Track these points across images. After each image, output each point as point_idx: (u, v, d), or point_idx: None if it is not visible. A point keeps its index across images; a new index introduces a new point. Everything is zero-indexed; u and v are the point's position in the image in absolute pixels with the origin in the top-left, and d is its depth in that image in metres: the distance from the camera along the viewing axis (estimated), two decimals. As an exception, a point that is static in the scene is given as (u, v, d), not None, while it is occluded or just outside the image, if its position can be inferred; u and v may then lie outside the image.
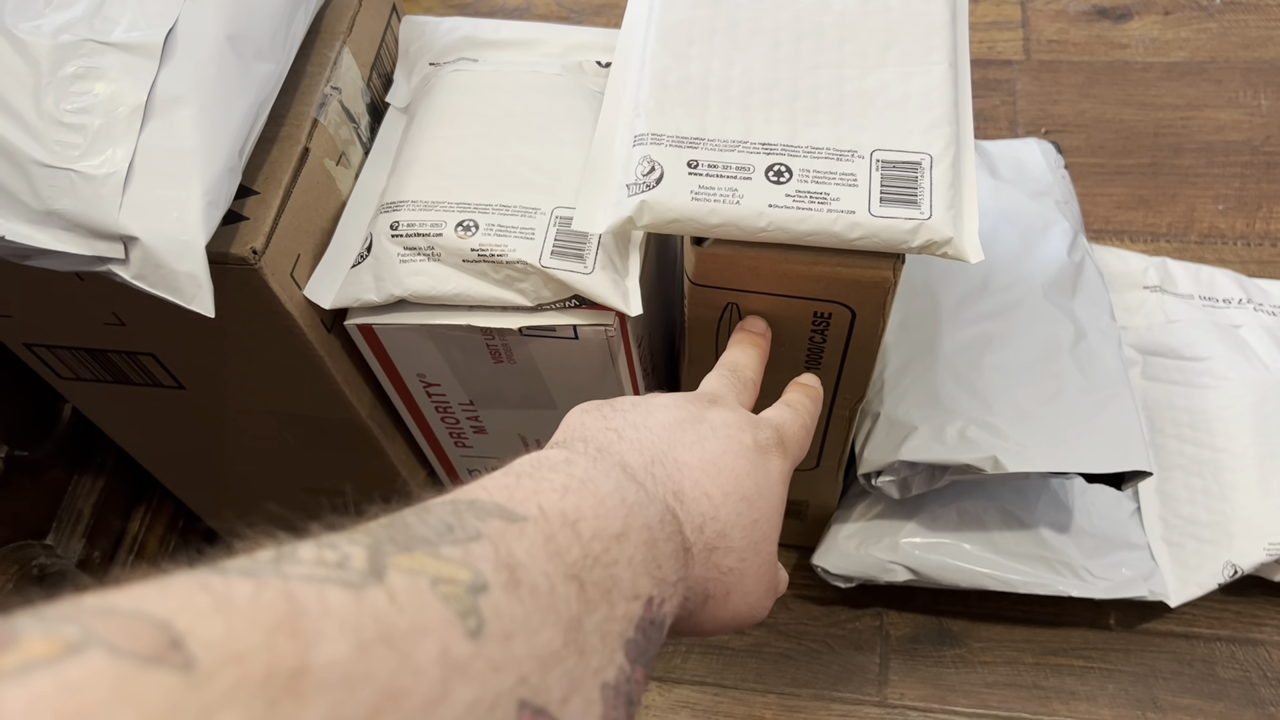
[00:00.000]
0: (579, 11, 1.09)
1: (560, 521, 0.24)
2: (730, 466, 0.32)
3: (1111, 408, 0.61)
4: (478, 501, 0.24)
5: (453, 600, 0.20)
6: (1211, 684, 0.67)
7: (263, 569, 0.18)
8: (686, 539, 0.30)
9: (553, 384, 0.56)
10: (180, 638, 0.15)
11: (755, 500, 0.32)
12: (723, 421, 0.34)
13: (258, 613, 0.17)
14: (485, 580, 0.21)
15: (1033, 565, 0.65)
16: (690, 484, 0.31)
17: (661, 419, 0.34)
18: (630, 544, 0.26)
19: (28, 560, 0.65)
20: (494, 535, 0.22)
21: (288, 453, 0.65)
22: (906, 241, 0.42)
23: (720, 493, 0.32)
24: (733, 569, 0.31)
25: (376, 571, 0.19)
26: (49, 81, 0.41)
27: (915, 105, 0.44)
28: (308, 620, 0.17)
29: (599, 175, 0.47)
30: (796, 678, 0.70)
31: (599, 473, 0.28)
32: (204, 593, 0.17)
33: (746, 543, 0.32)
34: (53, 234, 0.41)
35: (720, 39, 0.47)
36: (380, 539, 0.20)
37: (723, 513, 0.31)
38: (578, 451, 0.30)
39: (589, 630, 0.23)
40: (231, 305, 0.48)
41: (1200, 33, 0.98)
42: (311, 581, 0.18)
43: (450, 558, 0.21)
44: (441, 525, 0.22)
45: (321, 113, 0.52)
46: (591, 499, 0.26)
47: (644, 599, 0.25)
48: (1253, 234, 0.85)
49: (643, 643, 0.25)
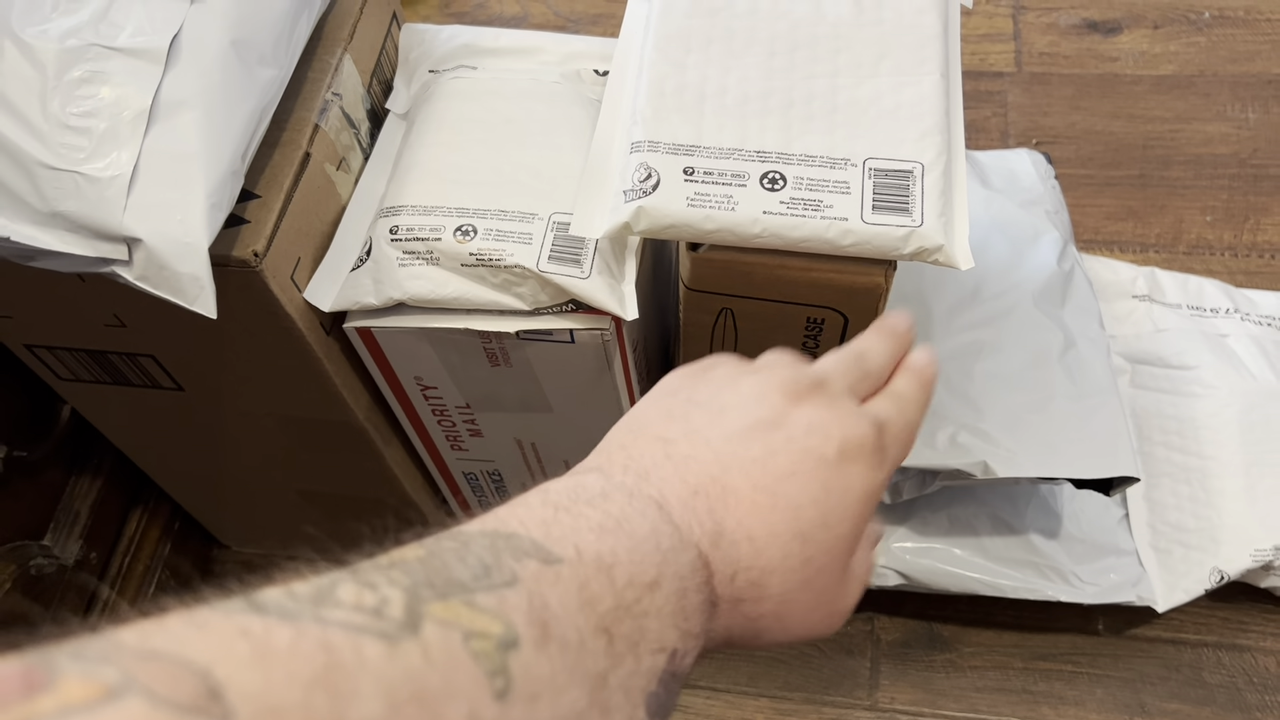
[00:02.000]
0: (575, 21, 1.09)
1: (595, 566, 0.24)
2: (791, 495, 0.28)
3: (1100, 415, 0.61)
4: (515, 537, 0.24)
5: (483, 658, 0.20)
6: (1198, 689, 0.67)
7: (301, 611, 0.18)
8: (715, 592, 0.27)
9: (549, 388, 0.56)
10: (219, 688, 0.15)
11: (815, 534, 0.28)
12: (805, 426, 0.29)
13: (296, 664, 0.17)
14: (517, 635, 0.21)
15: (1022, 570, 0.66)
16: (734, 523, 0.28)
17: (731, 424, 0.29)
18: (662, 594, 0.25)
19: (25, 560, 0.66)
20: (529, 580, 0.22)
21: (284, 455, 0.66)
22: (898, 248, 0.43)
23: (767, 532, 0.28)
24: (764, 614, 0.28)
25: (413, 623, 0.19)
26: (55, 85, 0.42)
27: (907, 114, 0.45)
28: (344, 675, 0.17)
29: (596, 181, 0.48)
30: (788, 681, 0.71)
31: (635, 511, 0.26)
32: (244, 639, 0.17)
33: (791, 584, 0.28)
34: (57, 235, 0.42)
35: (717, 48, 0.47)
36: (418, 580, 0.20)
37: (764, 558, 0.28)
38: (615, 481, 0.28)
39: (613, 687, 0.22)
40: (232, 307, 0.48)
41: (1189, 46, 0.99)
42: (349, 630, 0.18)
43: (485, 608, 0.21)
44: (479, 566, 0.22)
45: (323, 118, 0.53)
46: (627, 541, 0.25)
47: (668, 652, 0.25)
48: (1240, 245, 0.86)
49: (663, 696, 0.24)
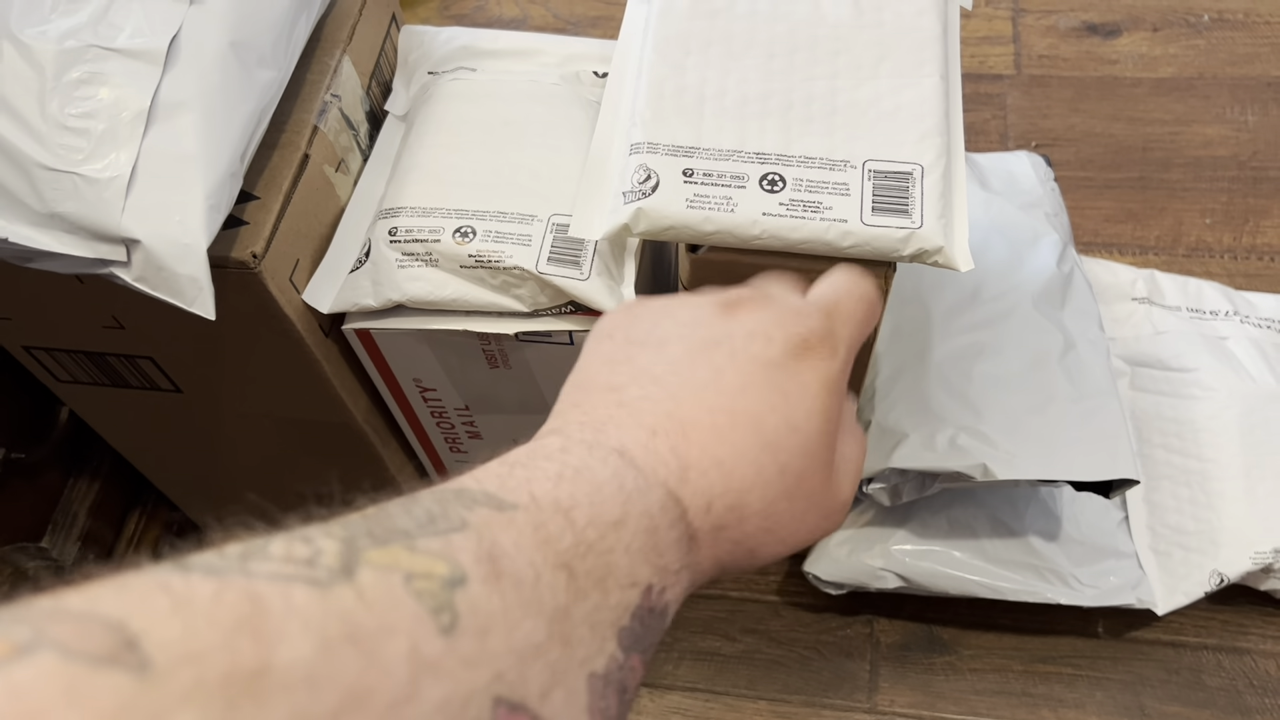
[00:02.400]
0: (574, 23, 1.09)
1: (553, 509, 0.23)
2: (748, 408, 0.28)
3: (1100, 417, 0.61)
4: (466, 490, 0.23)
5: (426, 596, 0.19)
6: (1199, 692, 0.67)
7: (228, 566, 0.18)
8: (691, 525, 0.27)
9: (548, 389, 0.56)
10: (135, 639, 0.15)
11: (782, 441, 0.28)
12: (745, 333, 0.30)
13: (218, 613, 0.16)
14: (464, 573, 0.20)
15: (1022, 573, 0.66)
16: (698, 452, 0.28)
17: (673, 356, 0.30)
18: (629, 531, 0.24)
19: (22, 563, 0.66)
20: (479, 524, 0.22)
21: (283, 457, 0.65)
22: (898, 250, 0.43)
23: (733, 453, 0.28)
24: (750, 533, 0.28)
25: (347, 568, 0.19)
26: (53, 86, 0.42)
27: (907, 116, 0.45)
28: (270, 620, 0.17)
29: (595, 183, 0.47)
30: (787, 684, 0.70)
31: (595, 460, 0.26)
32: (163, 593, 0.16)
33: (772, 495, 0.28)
34: (55, 236, 0.42)
35: (716, 50, 0.47)
36: (356, 532, 0.20)
37: (736, 479, 0.28)
38: (574, 438, 0.28)
39: (577, 620, 0.22)
40: (231, 309, 0.48)
41: (1188, 49, 0.99)
42: (277, 580, 0.17)
43: (428, 550, 0.20)
44: (424, 515, 0.21)
45: (321, 120, 0.53)
46: (587, 486, 0.25)
47: (642, 586, 0.24)
48: (1239, 247, 0.86)
49: (639, 630, 0.24)
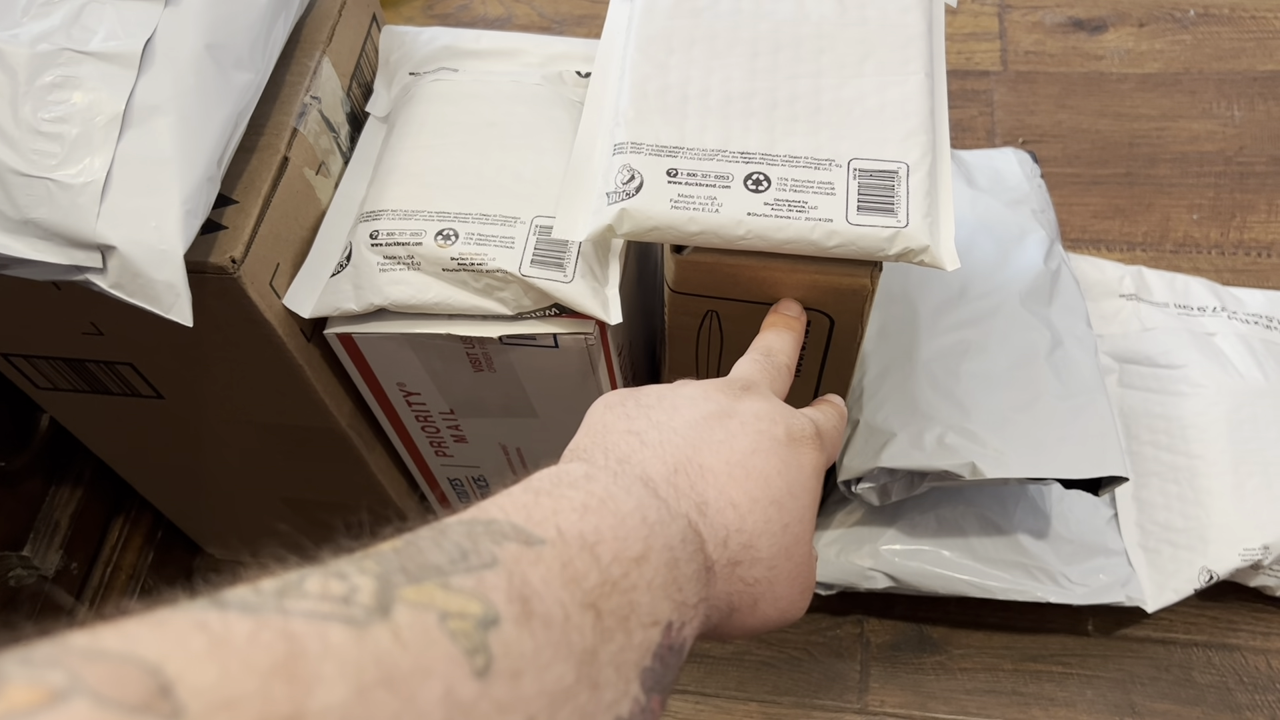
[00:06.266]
0: (560, 22, 1.09)
1: (579, 545, 0.23)
2: (759, 467, 0.31)
3: (1088, 414, 0.61)
4: (494, 522, 0.23)
5: (461, 637, 0.19)
6: (1189, 689, 0.67)
7: (264, 604, 0.17)
8: (709, 557, 0.28)
9: (533, 392, 0.56)
10: (170, 685, 0.15)
11: (786, 502, 0.31)
12: (753, 414, 0.33)
13: (254, 655, 0.16)
14: (497, 613, 0.20)
15: (1011, 572, 0.66)
16: (715, 493, 0.29)
17: (687, 416, 0.32)
18: (650, 567, 0.25)
19: (4, 572, 0.65)
20: (509, 561, 0.22)
21: (267, 462, 0.65)
22: (884, 249, 0.42)
23: (747, 499, 0.30)
24: (759, 579, 0.30)
25: (383, 607, 0.18)
26: (26, 90, 0.41)
27: (892, 114, 0.45)
28: (307, 663, 0.16)
29: (579, 184, 0.47)
30: (778, 685, 0.70)
31: (620, 489, 0.27)
32: (199, 632, 0.16)
33: (776, 549, 0.30)
34: (29, 243, 0.41)
35: (699, 49, 0.47)
36: (390, 568, 0.20)
37: (749, 522, 0.30)
38: (598, 465, 0.28)
39: (603, 662, 0.22)
40: (210, 314, 0.48)
41: (1174, 44, 0.99)
42: (314, 619, 0.17)
43: (461, 589, 0.20)
44: (456, 550, 0.21)
45: (301, 122, 0.52)
46: (611, 519, 0.25)
47: (663, 624, 0.24)
48: (1227, 243, 0.86)
49: (660, 670, 0.24)
